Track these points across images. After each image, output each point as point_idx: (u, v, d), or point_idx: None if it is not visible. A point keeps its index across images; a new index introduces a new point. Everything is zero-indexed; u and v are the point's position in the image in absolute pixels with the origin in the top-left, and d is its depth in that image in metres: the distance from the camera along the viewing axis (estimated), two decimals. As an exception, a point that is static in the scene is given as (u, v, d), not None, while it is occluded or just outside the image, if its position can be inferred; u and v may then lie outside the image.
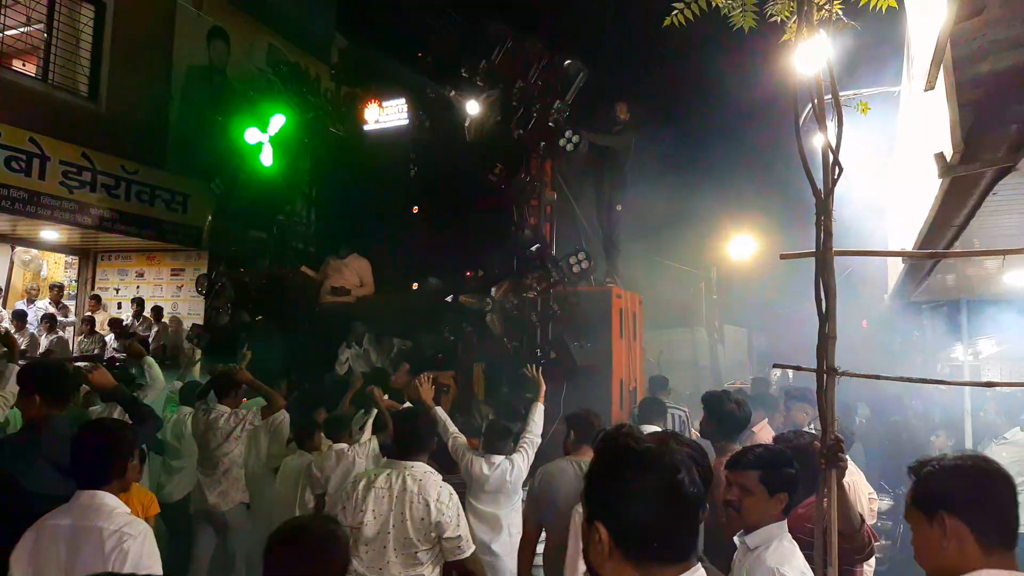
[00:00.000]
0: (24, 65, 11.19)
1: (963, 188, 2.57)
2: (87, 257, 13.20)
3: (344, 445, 5.16)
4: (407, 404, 6.02)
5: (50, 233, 11.65)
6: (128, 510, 2.76)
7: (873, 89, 3.53)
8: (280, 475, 5.52)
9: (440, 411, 5.32)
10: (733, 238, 18.03)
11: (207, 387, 6.27)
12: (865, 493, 5.10)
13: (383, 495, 3.69)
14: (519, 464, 5.01)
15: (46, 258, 13.46)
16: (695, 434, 5.98)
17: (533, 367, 6.29)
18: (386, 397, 6.05)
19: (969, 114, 2.20)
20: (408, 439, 3.92)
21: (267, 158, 9.08)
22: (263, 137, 9.04)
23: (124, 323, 11.74)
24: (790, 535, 2.77)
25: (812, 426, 4.99)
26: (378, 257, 9.10)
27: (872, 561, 5.06)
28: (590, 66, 8.05)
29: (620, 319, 8.01)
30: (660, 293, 10.49)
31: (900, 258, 4.89)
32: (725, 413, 4.09)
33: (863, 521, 3.13)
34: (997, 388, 7.28)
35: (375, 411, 5.73)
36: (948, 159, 2.27)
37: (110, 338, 11.18)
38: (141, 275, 13.02)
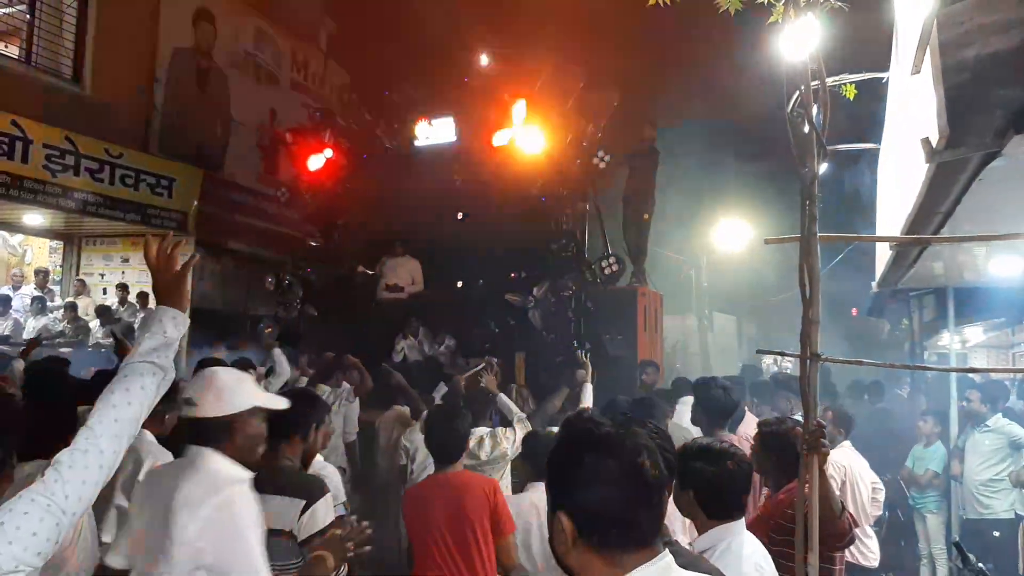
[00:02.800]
0: (6, 47, 11.05)
1: (949, 174, 2.56)
2: (72, 242, 13.08)
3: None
4: None
5: (34, 218, 11.54)
6: None
7: (861, 76, 3.50)
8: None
9: (504, 397, 5.46)
10: (722, 225, 18.03)
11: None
12: (868, 482, 5.10)
13: None
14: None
15: (30, 243, 13.33)
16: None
17: (582, 352, 7.13)
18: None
19: (955, 99, 2.18)
20: None
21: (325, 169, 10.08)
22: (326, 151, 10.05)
23: (110, 309, 11.64)
24: (748, 535, 2.69)
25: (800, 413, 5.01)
26: (428, 258, 10.21)
27: (875, 547, 5.08)
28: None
29: (644, 315, 9.23)
30: (650, 280, 10.63)
31: (888, 246, 4.88)
32: (711, 399, 4.08)
33: (844, 508, 3.12)
34: (982, 376, 7.33)
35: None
36: (934, 144, 2.25)
37: (95, 324, 11.09)
38: (126, 260, 12.91)
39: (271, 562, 2.40)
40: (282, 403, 2.69)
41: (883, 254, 5.47)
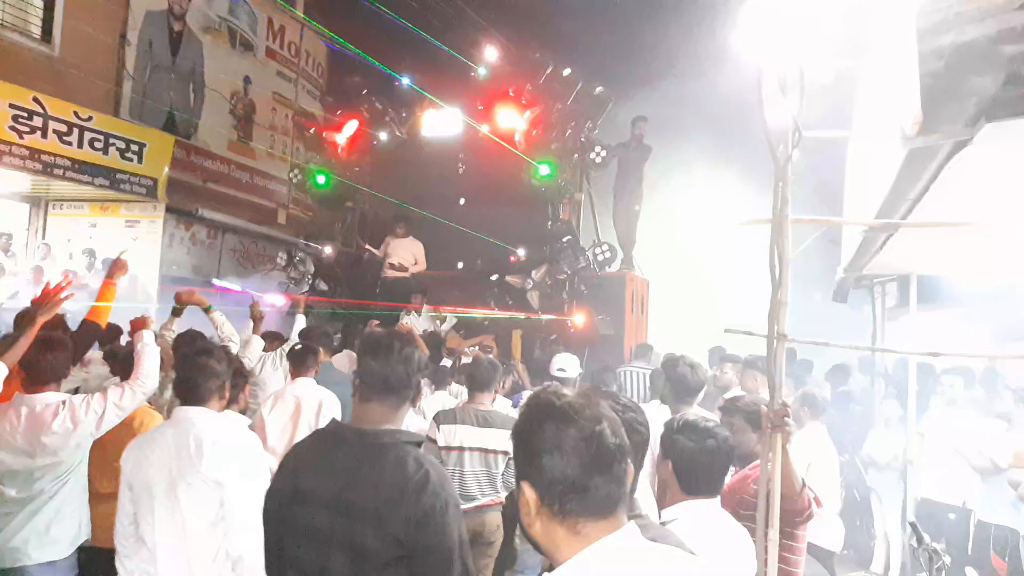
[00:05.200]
0: (-29, 2, 10.75)
1: (919, 161, 2.60)
2: (38, 205, 12.83)
3: None
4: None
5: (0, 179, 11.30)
6: None
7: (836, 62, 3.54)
8: None
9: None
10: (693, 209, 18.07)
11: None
12: (835, 465, 5.21)
13: None
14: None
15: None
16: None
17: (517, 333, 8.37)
18: None
19: (930, 86, 2.22)
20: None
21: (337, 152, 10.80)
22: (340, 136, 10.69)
23: (76, 274, 11.45)
24: (721, 516, 2.71)
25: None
26: (430, 240, 10.86)
27: (839, 531, 5.18)
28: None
29: (632, 299, 10.19)
30: (637, 267, 11.22)
31: (854, 232, 4.96)
32: (677, 376, 4.14)
33: (804, 484, 3.18)
34: (944, 366, 7.49)
35: None
36: (907, 131, 2.29)
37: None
38: (94, 226, 12.71)
39: None
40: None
41: (850, 240, 5.55)
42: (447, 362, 7.42)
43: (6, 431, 3.46)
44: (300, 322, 6.52)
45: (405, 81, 10.87)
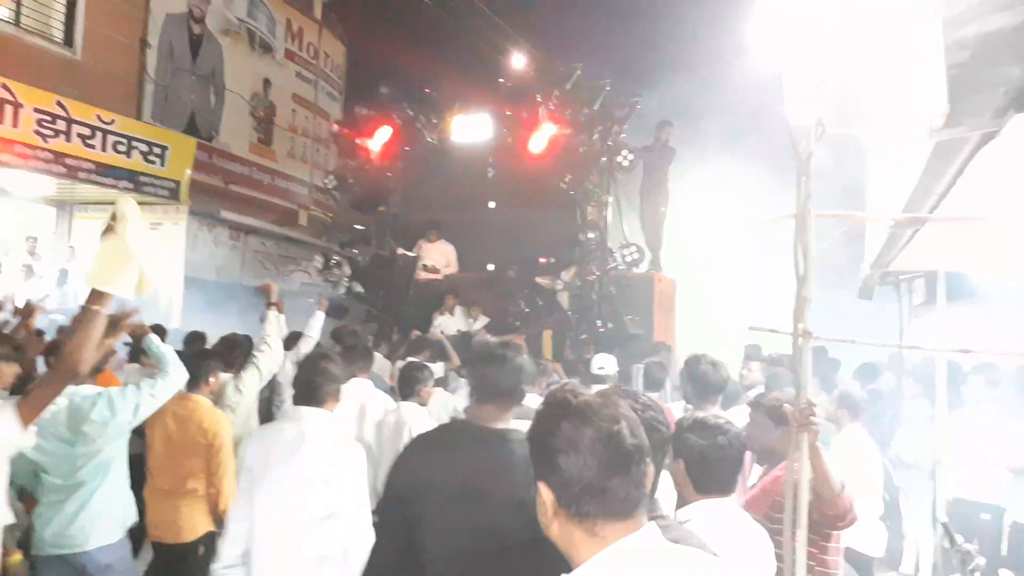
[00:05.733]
0: (-5, 8, 10.89)
1: (945, 154, 2.54)
2: (64, 209, 12.98)
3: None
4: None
5: (25, 183, 11.42)
6: None
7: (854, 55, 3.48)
8: None
9: None
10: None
11: None
12: (877, 468, 5.07)
13: None
14: None
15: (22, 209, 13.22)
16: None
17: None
18: None
19: (955, 77, 2.16)
20: None
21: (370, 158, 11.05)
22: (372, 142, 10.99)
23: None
24: (738, 515, 2.67)
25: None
26: (461, 243, 11.26)
27: (881, 537, 5.03)
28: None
29: (659, 299, 10.41)
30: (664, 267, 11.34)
31: (879, 229, 4.88)
32: (699, 374, 4.09)
33: (843, 486, 3.06)
34: (974, 361, 7.35)
35: None
36: (932, 123, 2.23)
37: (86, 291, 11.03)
38: (118, 228, 12.82)
39: None
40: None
41: (875, 237, 5.47)
42: None
43: (49, 420, 3.61)
44: (318, 319, 6.45)
45: (432, 88, 11.13)
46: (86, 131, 10.67)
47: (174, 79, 13.69)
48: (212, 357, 4.77)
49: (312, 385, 3.35)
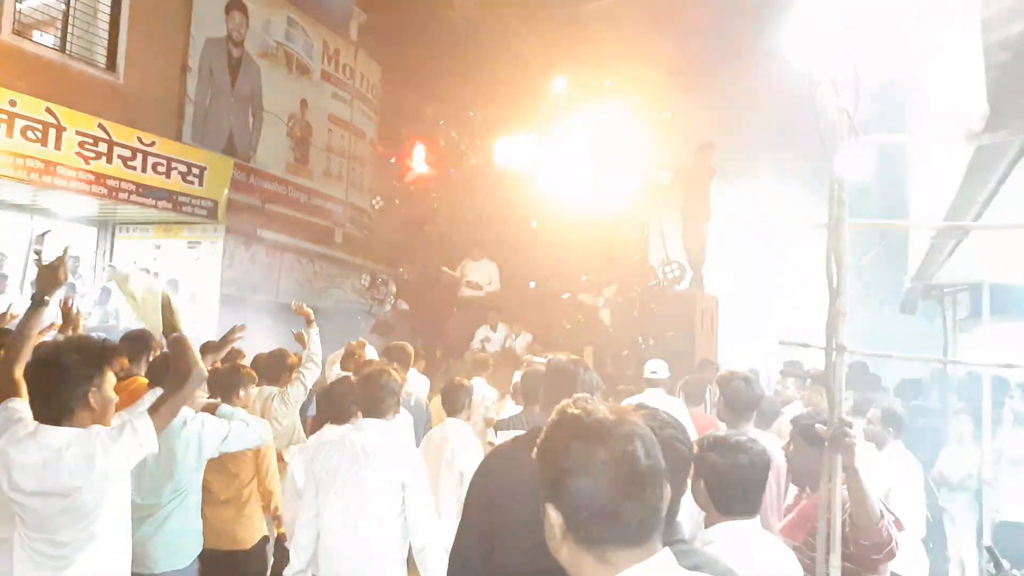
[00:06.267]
0: (42, 35, 11.19)
1: (987, 160, 2.44)
2: (105, 229, 13.25)
3: None
4: None
5: (68, 204, 11.68)
6: None
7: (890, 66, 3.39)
8: None
9: None
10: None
11: None
12: (917, 489, 4.86)
13: None
14: None
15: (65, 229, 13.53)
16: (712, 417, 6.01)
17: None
18: None
19: (996, 79, 2.07)
20: None
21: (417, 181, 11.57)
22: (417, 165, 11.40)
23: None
24: (763, 537, 2.54)
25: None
26: (503, 261, 11.45)
27: (924, 561, 4.83)
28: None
29: (701, 316, 10.41)
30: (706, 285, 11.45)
31: (921, 240, 4.74)
32: (731, 391, 3.99)
33: (883, 515, 2.84)
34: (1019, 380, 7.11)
35: None
36: (973, 127, 2.15)
37: (127, 309, 11.23)
38: (158, 247, 13.06)
39: None
40: None
41: (917, 248, 5.33)
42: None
43: None
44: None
45: (474, 109, 11.54)
46: (127, 152, 10.87)
47: (213, 101, 13.93)
48: (243, 371, 4.79)
49: (375, 399, 3.64)
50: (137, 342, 4.80)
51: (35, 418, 2.74)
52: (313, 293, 13.84)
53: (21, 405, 2.81)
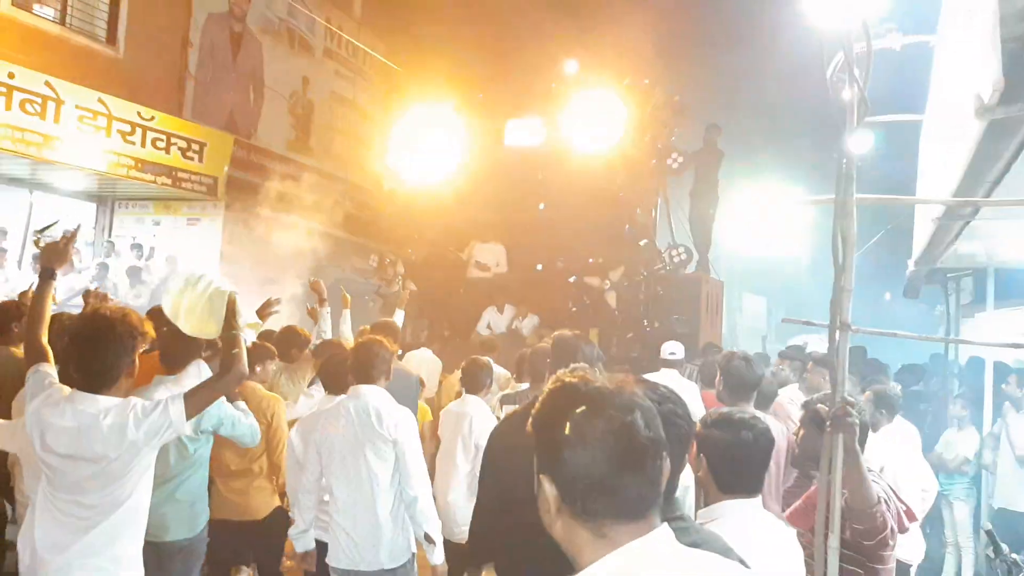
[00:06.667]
0: (42, 7, 11.09)
1: (1000, 134, 2.39)
2: (104, 204, 13.19)
3: None
4: None
5: (67, 179, 11.62)
6: None
7: (909, 38, 3.32)
8: None
9: None
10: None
11: None
12: (913, 473, 4.79)
13: None
14: None
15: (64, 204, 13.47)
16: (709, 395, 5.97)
17: None
18: None
19: (1012, 50, 2.01)
20: None
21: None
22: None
23: (140, 270, 11.77)
24: (764, 516, 2.52)
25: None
26: (511, 243, 11.46)
27: (919, 545, 4.80)
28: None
29: (706, 300, 10.50)
30: (713, 269, 11.55)
31: (926, 222, 4.69)
32: (732, 370, 3.95)
33: (880, 501, 2.82)
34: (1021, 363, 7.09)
35: None
36: (986, 100, 2.09)
37: (125, 284, 11.22)
38: (157, 223, 13.01)
39: None
40: None
41: (922, 231, 5.27)
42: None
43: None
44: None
45: (483, 91, 11.48)
46: (126, 127, 10.80)
47: (214, 77, 13.83)
48: (262, 348, 5.01)
49: (368, 365, 3.90)
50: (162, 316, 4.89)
51: (68, 384, 2.84)
52: (316, 273, 13.80)
53: (51, 370, 2.93)
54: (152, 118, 11.17)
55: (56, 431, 2.69)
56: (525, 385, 6.06)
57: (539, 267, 11.46)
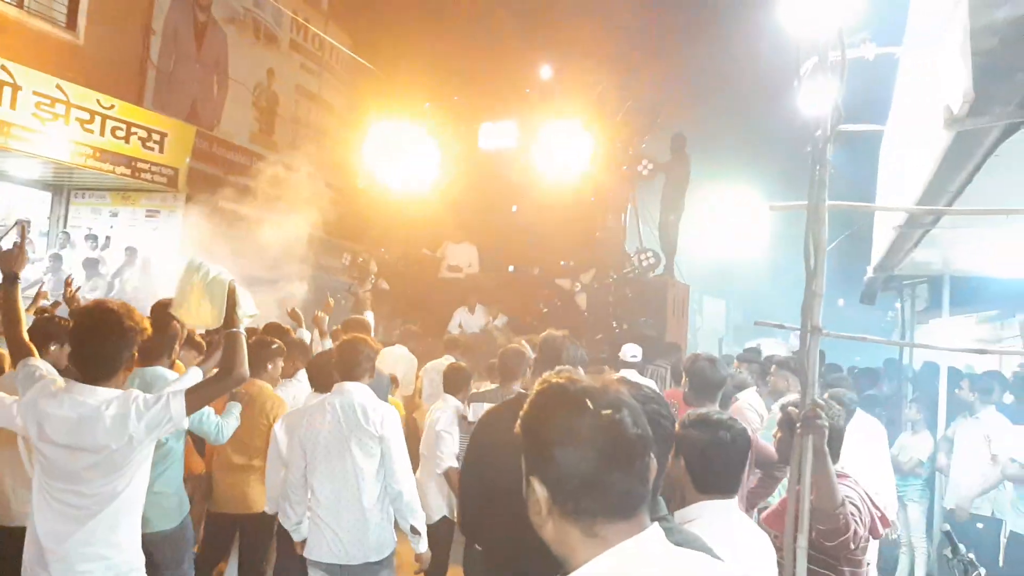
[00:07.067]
0: (-2, -11, 10.80)
1: (966, 146, 2.45)
2: (60, 194, 12.87)
3: None
4: None
5: (22, 167, 11.32)
6: None
7: (882, 49, 3.39)
8: None
9: None
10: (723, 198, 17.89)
11: None
12: (871, 477, 4.85)
13: None
14: None
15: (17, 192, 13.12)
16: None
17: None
18: None
19: (982, 64, 2.07)
20: None
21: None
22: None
23: (97, 261, 11.50)
24: (741, 518, 2.52)
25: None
26: (483, 244, 11.67)
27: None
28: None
29: (672, 302, 10.84)
30: (679, 272, 11.82)
31: (886, 230, 4.80)
32: (696, 371, 4.00)
33: (843, 503, 2.86)
34: (974, 368, 7.29)
35: None
36: (955, 111, 2.15)
37: (81, 277, 10.95)
38: (115, 215, 12.73)
39: None
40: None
41: (882, 238, 5.39)
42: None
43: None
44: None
45: (460, 95, 11.65)
46: (84, 115, 10.54)
47: (177, 66, 13.60)
48: (273, 346, 5.05)
49: (353, 363, 4.00)
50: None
51: (68, 375, 2.93)
52: (281, 269, 13.64)
53: (41, 363, 3.00)
54: (112, 106, 10.93)
55: (55, 421, 2.73)
56: (494, 385, 6.11)
57: (511, 268, 11.65)
